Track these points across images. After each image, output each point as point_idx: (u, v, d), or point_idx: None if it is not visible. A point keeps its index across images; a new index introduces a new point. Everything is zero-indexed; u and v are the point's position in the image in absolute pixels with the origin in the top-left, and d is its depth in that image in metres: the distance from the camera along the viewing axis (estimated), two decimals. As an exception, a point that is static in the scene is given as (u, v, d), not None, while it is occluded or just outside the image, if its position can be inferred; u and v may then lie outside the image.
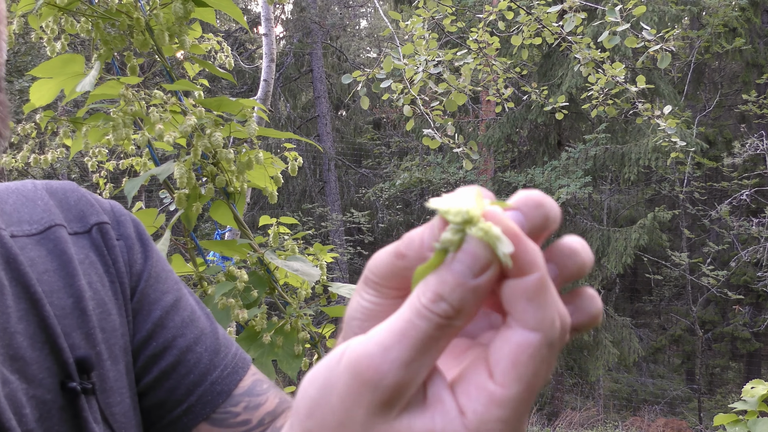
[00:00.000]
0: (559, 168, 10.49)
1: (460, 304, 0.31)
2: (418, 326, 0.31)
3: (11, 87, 9.60)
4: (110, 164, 1.56)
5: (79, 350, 0.59)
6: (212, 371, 0.68)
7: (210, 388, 0.68)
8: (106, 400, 0.60)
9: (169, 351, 0.67)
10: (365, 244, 14.35)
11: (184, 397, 0.67)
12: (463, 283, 0.31)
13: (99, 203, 0.70)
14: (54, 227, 0.64)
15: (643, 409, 12.51)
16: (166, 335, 0.67)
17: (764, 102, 11.17)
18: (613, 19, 3.01)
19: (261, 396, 0.71)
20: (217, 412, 0.68)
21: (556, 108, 3.72)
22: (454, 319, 0.31)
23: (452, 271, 0.31)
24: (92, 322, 0.61)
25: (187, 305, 0.71)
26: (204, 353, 0.68)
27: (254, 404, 0.70)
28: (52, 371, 0.56)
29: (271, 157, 1.44)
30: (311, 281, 1.33)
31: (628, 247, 10.01)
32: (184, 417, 0.67)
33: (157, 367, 0.66)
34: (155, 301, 0.68)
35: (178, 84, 1.18)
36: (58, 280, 0.61)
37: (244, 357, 0.73)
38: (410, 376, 0.31)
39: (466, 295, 0.31)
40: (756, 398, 1.76)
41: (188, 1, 1.18)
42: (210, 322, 0.72)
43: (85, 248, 0.65)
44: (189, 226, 1.39)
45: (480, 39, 3.46)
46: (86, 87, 1.07)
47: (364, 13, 19.06)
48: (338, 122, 16.76)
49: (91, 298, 0.62)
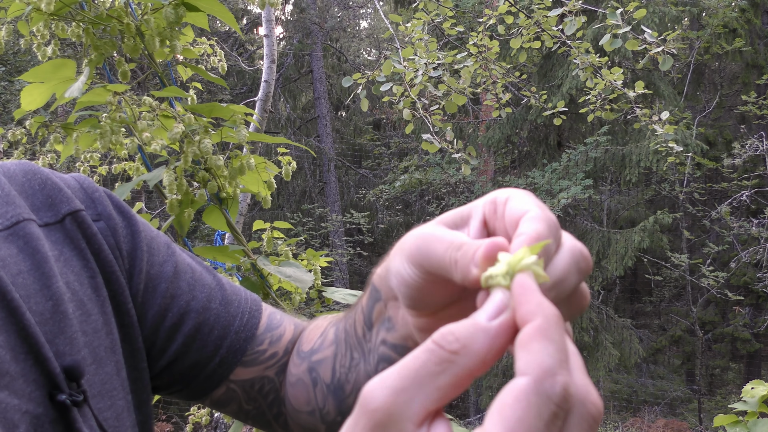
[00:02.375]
0: (560, 170, 10.48)
1: (467, 340, 0.32)
2: (418, 357, 0.32)
3: (11, 87, 9.60)
4: (103, 169, 1.55)
5: (66, 357, 0.55)
6: (233, 322, 0.71)
7: (236, 337, 0.71)
8: (96, 405, 0.57)
9: (187, 316, 0.68)
10: (365, 245, 14.34)
11: (215, 352, 0.70)
12: (476, 323, 0.32)
13: (67, 184, 0.65)
14: (22, 222, 0.58)
15: (643, 410, 12.50)
16: (179, 303, 0.68)
17: (764, 103, 11.16)
18: (614, 22, 3.00)
19: (279, 327, 0.75)
20: (247, 355, 0.71)
21: (555, 113, 3.72)
22: (458, 354, 0.31)
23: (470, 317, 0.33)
24: (74, 326, 0.57)
25: (187, 266, 0.71)
26: (219, 307, 0.71)
27: (276, 337, 0.74)
28: (39, 383, 0.53)
29: (264, 162, 1.43)
30: (304, 288, 1.32)
31: (630, 250, 10.00)
32: (219, 369, 0.70)
33: (180, 333, 0.67)
34: (157, 276, 0.67)
35: (167, 91, 1.17)
36: (33, 282, 0.56)
37: (254, 298, 0.76)
38: (399, 404, 0.31)
39: (476, 333, 0.32)
40: (756, 399, 1.75)
41: (179, 6, 1.18)
42: (211, 275, 0.73)
43: (59, 242, 0.61)
44: (181, 231, 1.38)
45: (479, 43, 3.46)
46: (74, 93, 1.06)
47: (364, 14, 19.05)
48: (338, 123, 16.75)
49: (70, 299, 0.58)
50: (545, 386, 0.30)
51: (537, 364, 0.30)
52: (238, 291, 0.74)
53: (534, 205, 0.40)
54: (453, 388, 0.32)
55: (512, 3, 3.35)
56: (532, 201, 0.40)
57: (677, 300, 14.67)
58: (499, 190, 0.43)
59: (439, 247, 0.40)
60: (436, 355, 0.32)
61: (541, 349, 0.30)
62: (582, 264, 0.41)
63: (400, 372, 0.32)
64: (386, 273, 0.51)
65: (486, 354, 0.32)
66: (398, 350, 0.55)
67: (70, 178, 0.67)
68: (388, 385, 0.31)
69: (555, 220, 0.40)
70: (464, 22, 8.17)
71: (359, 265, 14.67)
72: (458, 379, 0.32)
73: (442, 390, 0.31)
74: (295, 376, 0.71)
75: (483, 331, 0.32)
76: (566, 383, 0.30)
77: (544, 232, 0.38)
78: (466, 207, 0.45)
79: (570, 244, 0.41)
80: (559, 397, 0.30)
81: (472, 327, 0.32)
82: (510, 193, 0.42)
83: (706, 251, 11.84)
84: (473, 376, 0.32)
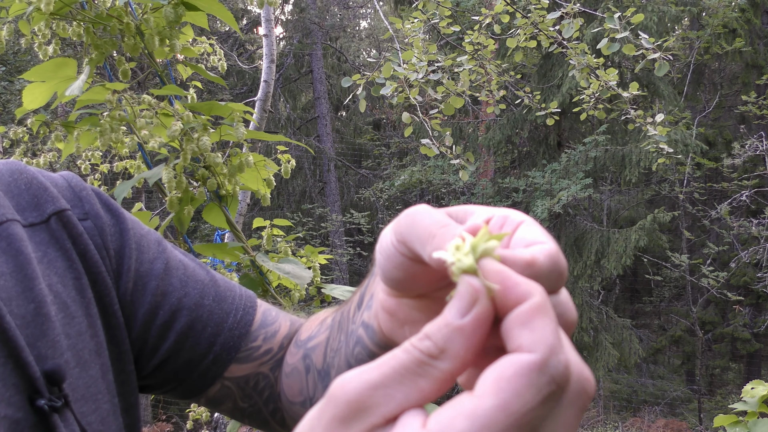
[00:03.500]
0: (560, 170, 10.50)
1: (444, 343, 0.31)
2: (398, 357, 0.31)
3: (11, 87, 9.62)
4: (104, 166, 1.57)
5: (47, 361, 0.54)
6: (227, 319, 0.70)
7: (229, 334, 0.70)
8: (79, 410, 0.56)
9: (179, 313, 0.67)
10: (365, 245, 14.35)
11: (208, 349, 0.69)
12: (449, 323, 0.31)
13: (54, 183, 0.64)
14: (6, 223, 0.57)
15: (643, 410, 12.50)
16: (170, 300, 0.66)
17: (764, 103, 11.16)
18: (612, 26, 3.01)
19: (274, 324, 0.74)
20: (241, 352, 0.70)
21: (548, 114, 3.73)
22: (437, 359, 0.31)
23: (442, 314, 0.32)
24: (56, 329, 0.56)
25: (178, 263, 0.70)
26: (213, 304, 0.70)
27: (271, 333, 0.73)
28: (19, 388, 0.52)
29: (263, 160, 1.45)
30: (302, 284, 1.33)
31: (628, 249, 10.01)
32: (212, 366, 0.69)
33: (172, 331, 0.66)
34: (147, 273, 0.66)
35: (166, 89, 1.18)
36: (15, 284, 0.55)
37: (249, 294, 0.75)
38: (373, 399, 0.31)
39: (452, 335, 0.31)
40: (756, 399, 1.75)
41: (179, 6, 1.19)
42: (205, 271, 0.72)
43: (43, 243, 0.59)
44: (181, 229, 1.39)
45: (476, 41, 3.47)
46: (75, 92, 1.07)
47: (364, 14, 19.06)
48: (338, 123, 16.76)
49: (52, 302, 0.57)
50: (551, 364, 0.29)
51: (543, 343, 0.29)
52: (232, 287, 0.73)
53: (549, 240, 0.37)
54: (434, 392, 0.31)
55: (508, 2, 3.37)
56: (548, 236, 0.38)
57: (677, 300, 14.67)
58: (514, 210, 0.41)
59: (424, 220, 0.38)
60: (415, 357, 0.31)
61: (544, 326, 0.30)
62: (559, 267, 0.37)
63: (380, 368, 0.31)
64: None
65: (465, 356, 0.31)
66: (368, 330, 0.53)
67: (59, 176, 0.66)
68: (365, 379, 0.31)
69: (565, 265, 0.37)
70: (463, 23, 8.18)
71: (359, 265, 14.68)
72: (440, 382, 0.31)
73: (423, 392, 0.31)
74: (291, 365, 0.70)
75: (458, 331, 0.31)
76: (567, 361, 0.30)
77: (552, 269, 0.35)
78: (471, 206, 0.43)
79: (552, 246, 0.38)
80: (561, 376, 0.30)
81: (446, 328, 0.31)
82: (526, 219, 0.40)
83: (706, 251, 11.85)
84: (456, 376, 0.32)
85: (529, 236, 0.38)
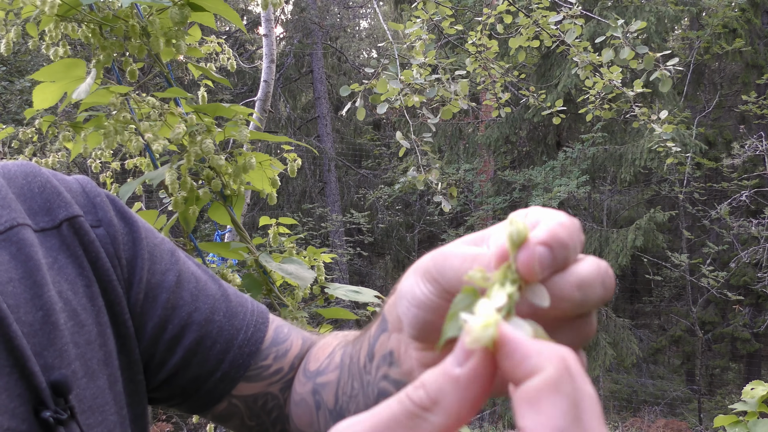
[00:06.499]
0: (557, 168, 10.51)
1: (437, 394, 0.29)
2: (391, 407, 0.29)
3: (11, 87, 9.62)
4: (116, 164, 1.58)
5: (53, 371, 0.53)
6: (237, 335, 0.68)
7: (239, 351, 0.68)
8: (85, 421, 0.55)
9: (188, 328, 0.65)
10: (365, 245, 14.35)
11: (217, 366, 0.67)
12: (446, 371, 0.29)
13: (68, 188, 0.62)
14: (17, 227, 0.56)
15: (643, 410, 12.51)
16: (180, 314, 0.65)
17: (764, 103, 11.17)
18: (615, 34, 3.01)
19: (286, 342, 0.72)
20: (250, 370, 0.69)
21: (554, 112, 3.73)
22: (429, 412, 0.28)
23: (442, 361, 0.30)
24: (65, 338, 0.54)
25: (191, 275, 0.68)
26: (223, 320, 0.68)
27: (282, 352, 0.71)
28: (24, 398, 0.50)
29: (269, 159, 1.46)
30: (304, 285, 1.35)
31: (625, 248, 10.02)
32: (220, 384, 0.68)
33: (181, 346, 0.65)
34: (158, 285, 0.64)
35: (169, 92, 1.19)
36: (24, 291, 0.54)
37: (261, 310, 0.73)
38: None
39: (446, 385, 0.29)
40: (756, 399, 1.75)
41: (185, 7, 1.20)
42: (217, 284, 0.70)
43: (54, 249, 0.58)
44: (187, 228, 1.40)
45: (478, 42, 3.47)
46: (81, 95, 1.08)
47: (364, 14, 19.06)
48: (338, 123, 16.77)
49: (62, 309, 0.55)
50: None
51: (549, 427, 0.26)
52: (244, 302, 0.72)
53: (561, 213, 0.37)
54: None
55: (511, 2, 3.38)
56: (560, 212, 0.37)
57: (677, 300, 14.68)
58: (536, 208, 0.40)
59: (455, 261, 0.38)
60: (407, 409, 0.29)
61: (553, 406, 0.26)
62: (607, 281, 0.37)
63: (372, 419, 0.29)
64: (396, 299, 0.47)
65: (459, 410, 0.28)
66: (400, 387, 0.50)
67: (73, 180, 0.64)
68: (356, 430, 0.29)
69: (578, 224, 0.36)
70: (464, 21, 8.19)
71: (359, 265, 14.68)
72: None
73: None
74: (300, 395, 0.68)
75: (452, 382, 0.29)
76: None
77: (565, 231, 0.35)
78: (486, 230, 0.42)
79: (595, 259, 0.37)
80: None
81: (441, 376, 0.29)
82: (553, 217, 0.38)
83: (706, 251, 11.85)
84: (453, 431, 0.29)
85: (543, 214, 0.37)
